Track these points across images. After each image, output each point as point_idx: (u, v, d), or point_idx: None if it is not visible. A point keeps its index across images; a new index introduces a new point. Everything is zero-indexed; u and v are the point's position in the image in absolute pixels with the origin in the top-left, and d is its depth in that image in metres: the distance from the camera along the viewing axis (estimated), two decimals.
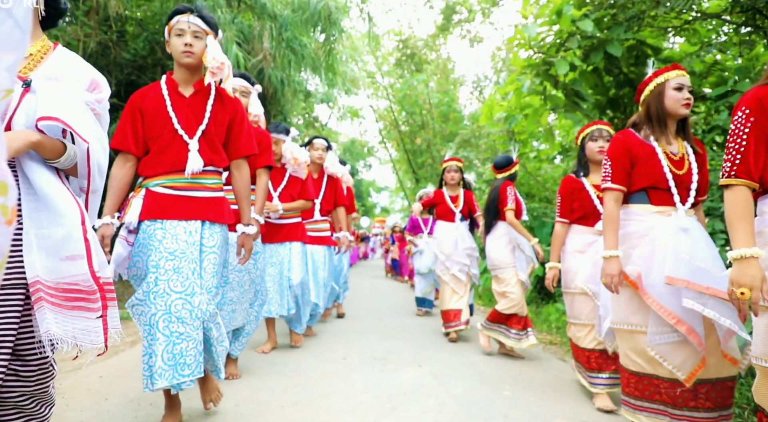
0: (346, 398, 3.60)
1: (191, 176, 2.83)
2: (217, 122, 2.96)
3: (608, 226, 2.85)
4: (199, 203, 2.85)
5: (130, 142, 2.86)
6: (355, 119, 26.93)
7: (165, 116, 2.87)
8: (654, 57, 6.04)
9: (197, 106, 2.93)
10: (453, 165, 6.15)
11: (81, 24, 7.46)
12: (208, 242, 2.85)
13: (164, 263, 2.67)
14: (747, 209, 2.05)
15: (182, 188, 2.83)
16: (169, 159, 2.83)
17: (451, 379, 4.15)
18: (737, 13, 5.73)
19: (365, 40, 19.13)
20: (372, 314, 8.05)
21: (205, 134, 2.90)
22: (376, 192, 40.27)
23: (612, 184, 2.88)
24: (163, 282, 2.65)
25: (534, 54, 6.47)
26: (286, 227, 5.03)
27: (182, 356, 2.62)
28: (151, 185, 2.82)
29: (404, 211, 32.85)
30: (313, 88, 16.58)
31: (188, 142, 2.85)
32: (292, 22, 10.14)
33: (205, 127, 2.90)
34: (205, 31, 2.88)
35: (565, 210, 3.91)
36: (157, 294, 2.63)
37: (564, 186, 3.95)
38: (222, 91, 3.04)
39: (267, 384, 3.86)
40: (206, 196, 2.88)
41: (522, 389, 3.96)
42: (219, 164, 2.98)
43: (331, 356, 4.88)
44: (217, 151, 2.96)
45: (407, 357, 4.89)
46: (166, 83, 2.96)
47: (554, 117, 8.98)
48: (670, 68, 2.89)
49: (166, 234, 2.73)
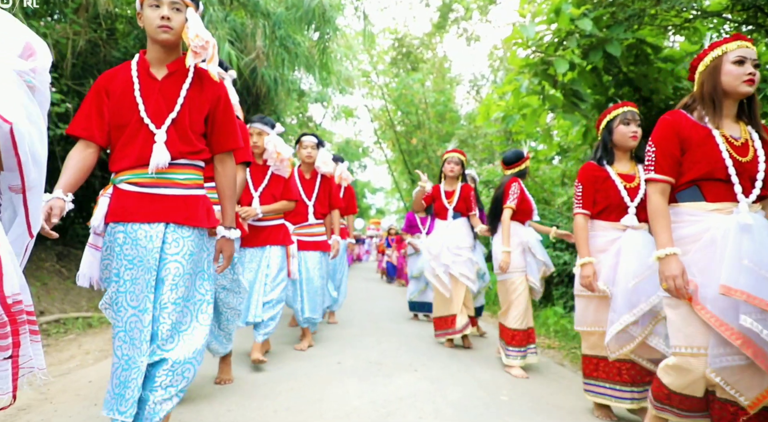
0: (340, 403, 3.59)
1: (157, 171, 2.46)
2: (193, 109, 2.57)
3: (658, 221, 2.53)
4: (165, 202, 2.48)
5: (94, 128, 2.51)
6: (350, 119, 26.95)
7: (131, 101, 2.49)
8: (654, 56, 6.06)
9: (170, 90, 2.54)
10: (454, 157, 5.85)
11: (70, 22, 7.43)
12: (171, 248, 2.46)
13: (123, 272, 2.40)
14: None
15: (147, 185, 2.47)
16: (135, 152, 2.47)
17: (448, 384, 4.15)
18: (738, 11, 5.74)
19: (360, 38, 19.10)
20: (367, 317, 8.04)
21: (176, 123, 2.52)
22: (371, 193, 40.20)
23: (656, 174, 2.56)
24: (122, 295, 2.39)
25: (532, 53, 6.48)
26: (267, 230, 4.67)
27: (124, 387, 2.32)
28: (117, 181, 2.51)
29: (400, 213, 32.85)
30: (307, 88, 16.57)
31: (154, 132, 2.47)
32: (286, 20, 10.12)
33: (177, 115, 2.51)
34: (185, 2, 2.49)
35: (588, 201, 3.50)
36: (118, 307, 2.39)
37: (585, 174, 3.55)
38: (202, 73, 2.63)
39: (260, 389, 3.86)
40: (175, 194, 2.50)
41: (519, 394, 3.96)
42: (195, 156, 2.58)
43: (325, 360, 4.87)
44: (191, 142, 2.55)
45: (403, 362, 4.89)
46: (138, 63, 2.58)
47: (552, 117, 8.99)
48: (730, 39, 2.53)
49: (127, 239, 2.43)
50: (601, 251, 3.43)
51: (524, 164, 5.08)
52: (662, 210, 2.53)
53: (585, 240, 3.47)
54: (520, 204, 4.84)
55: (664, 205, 2.54)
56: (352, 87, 21.22)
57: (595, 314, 3.46)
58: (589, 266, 3.38)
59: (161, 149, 2.45)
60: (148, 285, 2.38)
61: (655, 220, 2.55)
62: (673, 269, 2.41)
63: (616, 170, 3.51)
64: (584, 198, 3.52)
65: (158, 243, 2.42)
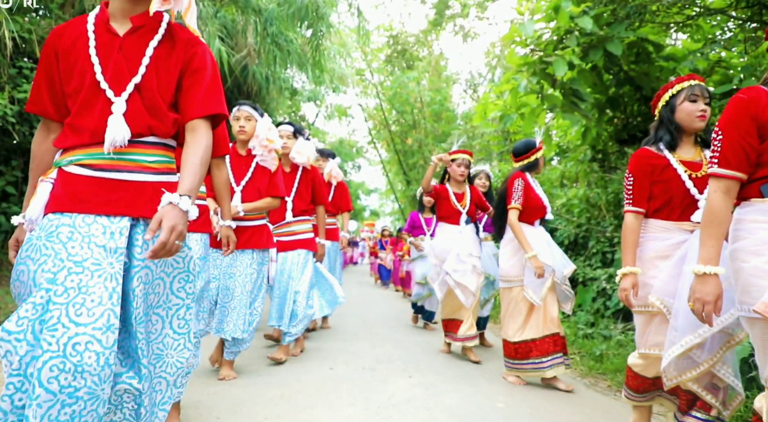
0: (333, 410, 3.58)
1: (117, 150, 1.97)
2: (161, 72, 2.06)
3: (710, 228, 2.14)
4: (130, 190, 1.98)
5: (45, 101, 2.08)
6: (344, 118, 27.01)
7: (85, 61, 2.00)
8: (655, 54, 6.08)
9: (133, 48, 2.04)
10: (465, 159, 5.49)
11: (55, 17, 7.41)
12: (143, 251, 1.96)
13: (64, 277, 1.81)
14: None
15: (104, 168, 1.96)
16: (89, 125, 1.97)
17: (443, 390, 4.14)
18: (742, 9, 5.77)
19: (354, 35, 19.11)
20: (360, 321, 8.02)
21: (141, 90, 2.02)
22: (365, 195, 40.20)
23: (721, 169, 2.12)
24: (58, 307, 1.77)
25: (530, 52, 6.49)
26: (249, 231, 4.21)
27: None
28: (64, 163, 2.00)
29: (395, 214, 32.84)
30: (300, 86, 16.60)
31: (113, 101, 1.97)
32: (278, 17, 10.13)
33: (141, 79, 2.01)
34: None
35: (640, 196, 2.96)
36: (48, 325, 1.75)
37: (638, 162, 3.00)
38: (175, 29, 2.13)
39: (250, 396, 3.84)
40: (142, 180, 2.01)
41: (517, 401, 3.96)
42: (165, 133, 2.08)
43: (317, 366, 4.85)
44: (162, 115, 2.06)
45: (397, 367, 4.88)
46: (96, 16, 2.08)
47: (551, 117, 9.01)
48: None
49: (75, 234, 1.89)
50: (660, 256, 2.87)
51: (534, 155, 4.65)
52: (721, 215, 2.13)
53: (633, 245, 2.95)
54: (525, 202, 4.46)
55: (724, 208, 2.13)
56: (346, 85, 21.29)
57: (656, 335, 2.91)
58: (630, 278, 2.89)
59: (118, 121, 1.96)
60: (113, 296, 1.85)
61: (708, 225, 2.16)
62: (709, 293, 2.11)
63: (679, 157, 2.95)
64: (636, 192, 2.97)
65: (122, 242, 1.91)
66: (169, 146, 2.13)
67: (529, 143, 4.69)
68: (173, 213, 1.86)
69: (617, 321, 5.87)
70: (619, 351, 5.17)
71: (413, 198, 21.19)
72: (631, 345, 5.15)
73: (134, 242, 1.96)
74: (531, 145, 4.66)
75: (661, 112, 3.05)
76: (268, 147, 4.23)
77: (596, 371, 4.99)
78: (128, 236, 1.95)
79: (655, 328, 2.89)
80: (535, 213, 4.53)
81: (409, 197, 22.82)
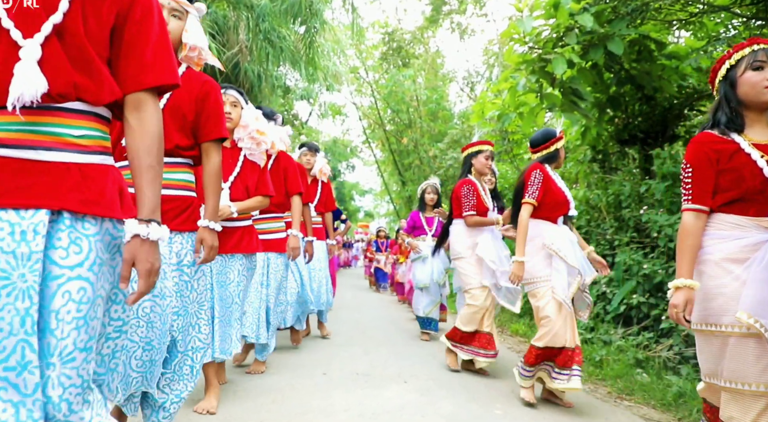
0: (326, 416, 3.57)
1: (26, 117, 1.41)
2: (88, 9, 1.50)
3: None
4: (46, 173, 1.43)
5: None
6: (338, 117, 27.08)
7: None
8: (657, 52, 6.08)
9: None
10: (490, 150, 5.21)
11: None
12: (69, 256, 1.42)
13: None
14: None
15: (10, 143, 1.42)
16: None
17: (439, 397, 4.14)
18: (747, 6, 5.78)
19: (348, 32, 19.10)
20: (354, 326, 8.02)
21: (61, 34, 1.46)
22: (359, 195, 40.26)
23: None
24: None
25: (529, 50, 6.49)
26: (238, 233, 3.76)
27: None
28: None
29: (390, 215, 32.85)
30: (293, 84, 16.61)
31: (21, 45, 1.41)
32: (270, 13, 10.13)
33: (63, 18, 1.45)
34: None
35: (702, 191, 2.43)
36: None
37: (699, 149, 2.47)
38: None
39: (241, 402, 3.83)
40: (67, 161, 1.47)
41: (514, 407, 3.96)
42: (97, 98, 1.53)
43: (310, 371, 4.85)
44: (92, 70, 1.51)
45: (392, 373, 4.88)
46: None
47: (550, 116, 9.02)
48: None
49: None
50: (733, 260, 2.33)
51: (554, 145, 4.28)
52: None
53: (691, 251, 2.42)
54: (543, 196, 4.05)
55: None
56: (340, 83, 21.28)
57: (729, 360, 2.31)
58: (684, 293, 2.35)
59: (30, 69, 1.38)
60: (26, 320, 1.33)
61: None
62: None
63: (750, 140, 2.43)
64: (697, 186, 2.45)
65: (38, 244, 1.38)
66: (102, 118, 1.58)
67: (549, 132, 4.35)
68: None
69: (617, 326, 5.87)
70: (619, 356, 5.18)
71: (409, 199, 21.22)
72: (632, 349, 5.16)
73: (55, 243, 1.42)
74: (550, 134, 4.32)
75: (719, 89, 2.57)
76: (258, 140, 3.88)
77: (596, 377, 4.99)
78: (47, 236, 1.41)
79: (740, 355, 2.25)
80: (558, 209, 4.13)
81: (404, 198, 22.84)
